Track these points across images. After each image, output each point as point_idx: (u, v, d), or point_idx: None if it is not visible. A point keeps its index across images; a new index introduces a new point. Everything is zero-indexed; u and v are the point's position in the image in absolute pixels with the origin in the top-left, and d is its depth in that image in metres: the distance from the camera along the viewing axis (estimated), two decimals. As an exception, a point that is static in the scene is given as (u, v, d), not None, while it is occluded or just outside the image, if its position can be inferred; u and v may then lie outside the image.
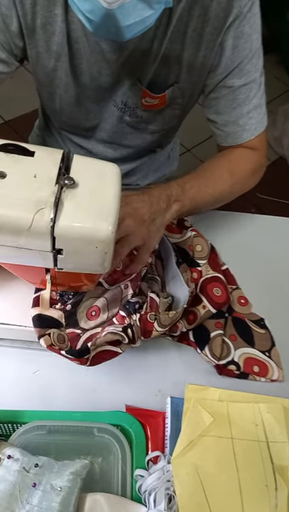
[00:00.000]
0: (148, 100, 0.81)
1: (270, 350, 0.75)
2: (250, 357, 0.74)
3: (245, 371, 0.72)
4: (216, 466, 0.60)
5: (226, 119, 0.83)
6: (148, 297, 0.67)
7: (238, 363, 0.73)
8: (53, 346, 0.62)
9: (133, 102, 0.83)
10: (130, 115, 0.86)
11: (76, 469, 0.56)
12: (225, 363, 0.72)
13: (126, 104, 0.84)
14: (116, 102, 0.85)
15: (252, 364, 0.73)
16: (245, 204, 0.92)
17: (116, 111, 0.87)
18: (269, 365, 0.74)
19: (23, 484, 0.54)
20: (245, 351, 0.74)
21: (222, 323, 0.75)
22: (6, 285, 0.69)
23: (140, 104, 0.83)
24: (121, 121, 0.89)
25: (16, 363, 0.69)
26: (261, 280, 0.84)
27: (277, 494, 0.58)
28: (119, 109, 0.86)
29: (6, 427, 0.61)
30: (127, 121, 0.88)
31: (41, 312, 0.63)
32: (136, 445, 0.61)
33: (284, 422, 0.64)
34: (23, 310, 0.66)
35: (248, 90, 0.79)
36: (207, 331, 0.74)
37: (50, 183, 0.47)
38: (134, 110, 0.85)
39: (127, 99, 0.83)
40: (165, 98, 0.82)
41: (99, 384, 0.68)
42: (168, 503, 0.56)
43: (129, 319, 0.64)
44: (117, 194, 0.50)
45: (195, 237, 0.82)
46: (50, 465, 0.56)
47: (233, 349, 0.74)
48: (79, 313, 0.66)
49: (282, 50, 2.73)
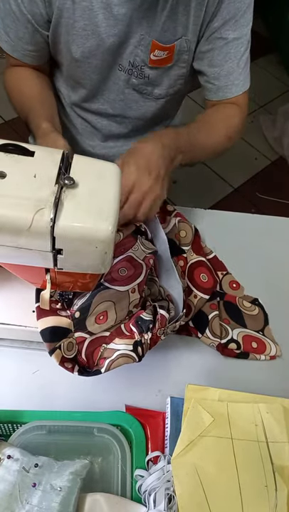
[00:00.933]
0: (157, 54, 0.83)
1: (263, 329, 0.78)
2: (247, 334, 0.77)
3: (245, 349, 0.75)
4: (216, 466, 0.60)
5: (218, 72, 0.86)
6: (158, 315, 0.66)
7: (238, 341, 0.75)
8: (64, 364, 0.62)
9: (141, 60, 0.84)
10: (137, 76, 0.87)
11: (76, 469, 0.56)
12: (226, 341, 0.75)
13: (133, 64, 0.85)
14: (122, 65, 0.86)
15: (250, 341, 0.76)
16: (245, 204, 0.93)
17: (122, 75, 0.88)
18: (265, 341, 0.76)
19: (22, 484, 0.54)
20: (241, 330, 0.77)
21: (216, 305, 0.78)
22: (6, 285, 0.69)
23: (148, 61, 0.84)
24: (127, 85, 0.89)
25: (16, 363, 0.69)
26: (261, 280, 0.84)
27: (277, 494, 0.58)
28: (126, 72, 0.87)
29: (6, 427, 0.61)
30: (133, 84, 0.89)
31: (53, 325, 0.63)
32: (136, 445, 0.61)
33: (284, 422, 0.64)
34: (23, 310, 0.66)
35: (239, 45, 0.83)
36: (204, 314, 0.76)
37: (50, 183, 0.47)
38: (141, 69, 0.86)
39: (135, 58, 0.84)
40: (173, 51, 0.83)
41: (99, 384, 0.68)
42: (168, 503, 0.56)
43: (141, 337, 0.64)
44: (117, 194, 0.50)
45: (179, 223, 0.83)
46: (50, 465, 0.56)
47: (230, 329, 0.77)
48: (88, 320, 0.65)
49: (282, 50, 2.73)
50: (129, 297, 0.66)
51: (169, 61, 0.85)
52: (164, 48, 0.82)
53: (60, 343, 0.63)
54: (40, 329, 0.63)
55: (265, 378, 0.73)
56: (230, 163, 2.20)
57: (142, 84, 0.89)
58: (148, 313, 0.65)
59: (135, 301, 0.67)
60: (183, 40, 0.82)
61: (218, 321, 0.76)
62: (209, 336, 0.74)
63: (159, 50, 0.82)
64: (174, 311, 0.69)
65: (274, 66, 2.73)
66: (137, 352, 0.62)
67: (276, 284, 0.85)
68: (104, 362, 0.62)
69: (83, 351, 0.64)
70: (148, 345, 0.64)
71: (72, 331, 0.64)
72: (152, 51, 0.83)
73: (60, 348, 0.63)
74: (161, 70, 0.87)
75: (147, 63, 0.85)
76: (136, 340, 0.63)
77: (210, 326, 0.75)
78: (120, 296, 0.66)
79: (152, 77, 0.87)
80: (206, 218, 0.91)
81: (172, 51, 0.83)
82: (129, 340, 0.63)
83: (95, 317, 0.65)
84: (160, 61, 0.85)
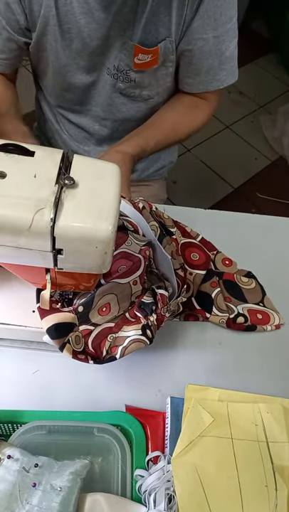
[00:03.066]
0: (141, 57, 0.82)
1: (263, 300, 0.81)
2: (250, 308, 0.79)
3: (252, 321, 0.77)
4: (216, 466, 0.60)
5: (198, 69, 0.86)
6: (158, 295, 0.67)
7: (245, 314, 0.77)
8: (78, 356, 0.63)
9: (125, 64, 0.84)
10: (123, 80, 0.87)
11: (76, 469, 0.56)
12: (233, 316, 0.77)
13: (118, 68, 0.85)
14: (109, 69, 0.86)
15: (255, 313, 0.78)
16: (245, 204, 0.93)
17: (109, 79, 0.87)
18: (268, 312, 0.79)
19: (22, 484, 0.54)
20: (244, 305, 0.79)
21: (216, 282, 0.79)
22: (6, 285, 0.69)
23: (132, 65, 0.83)
24: (114, 89, 0.89)
25: (16, 363, 0.69)
26: (261, 280, 0.84)
27: (277, 494, 0.58)
28: (112, 76, 0.86)
29: (6, 427, 0.61)
30: (120, 88, 0.88)
31: (57, 321, 0.63)
32: (136, 445, 0.61)
33: (284, 422, 0.64)
34: (23, 310, 0.66)
35: (220, 43, 0.82)
36: (207, 294, 0.78)
37: (50, 183, 0.47)
38: (126, 74, 0.85)
39: (119, 63, 0.84)
40: (158, 54, 0.82)
41: (99, 384, 0.68)
42: (168, 503, 0.56)
43: (147, 320, 0.65)
44: (117, 194, 0.50)
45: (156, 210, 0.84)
46: (50, 465, 0.56)
47: (234, 307, 0.78)
48: (91, 313, 0.66)
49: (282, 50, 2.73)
50: (131, 289, 0.67)
51: (154, 63, 0.84)
52: (147, 51, 0.81)
53: (68, 337, 0.63)
54: (45, 328, 0.63)
55: (265, 378, 0.73)
56: (230, 163, 2.20)
57: (128, 88, 0.88)
58: (148, 296, 0.67)
59: (137, 293, 0.67)
60: (167, 41, 0.81)
61: (222, 298, 0.77)
62: (217, 314, 0.76)
63: (142, 54, 0.82)
64: (171, 288, 0.70)
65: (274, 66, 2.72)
66: (147, 335, 0.64)
67: (276, 284, 0.85)
68: (118, 349, 0.64)
69: (90, 343, 0.64)
70: (156, 326, 0.66)
71: (76, 325, 0.65)
72: (136, 55, 0.82)
73: (69, 342, 0.63)
74: (147, 73, 0.86)
75: (132, 67, 0.84)
76: (143, 324, 0.65)
77: (215, 303, 0.77)
78: (122, 287, 0.67)
79: (139, 80, 0.87)
80: (206, 218, 0.91)
81: (156, 53, 0.82)
82: (137, 325, 0.65)
83: (98, 309, 0.66)
84: (145, 64, 0.84)
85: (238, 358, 0.75)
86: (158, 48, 0.82)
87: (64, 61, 0.84)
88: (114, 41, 0.81)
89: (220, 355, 0.75)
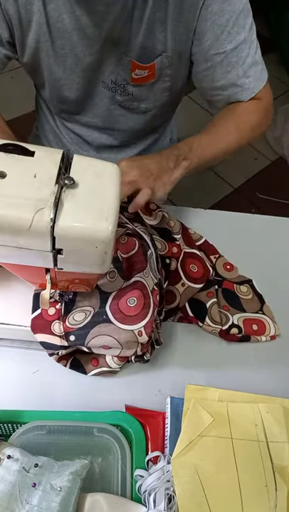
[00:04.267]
0: (138, 73, 0.82)
1: (262, 308, 0.80)
2: (247, 318, 0.78)
3: (246, 332, 0.76)
4: (216, 466, 0.60)
5: (224, 83, 0.84)
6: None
7: (239, 325, 0.76)
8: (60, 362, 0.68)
9: (123, 78, 0.83)
10: (121, 93, 0.86)
11: (76, 469, 0.56)
12: (227, 327, 0.76)
13: (115, 82, 0.84)
14: (105, 83, 0.85)
15: (250, 324, 0.77)
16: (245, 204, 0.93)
17: (106, 92, 0.87)
18: (265, 320, 0.78)
19: (22, 484, 0.54)
20: (241, 315, 0.78)
21: (213, 292, 0.78)
22: (5, 285, 0.69)
23: (130, 79, 0.83)
24: (112, 101, 0.89)
25: (16, 363, 0.69)
26: (261, 280, 0.84)
27: (277, 494, 0.58)
28: (109, 89, 0.86)
29: (6, 427, 0.61)
30: (118, 100, 0.88)
31: (45, 340, 0.65)
32: (136, 445, 0.61)
33: (283, 422, 0.64)
34: (23, 310, 0.66)
35: (239, 52, 0.80)
36: (202, 303, 0.77)
37: (50, 183, 0.47)
38: (124, 87, 0.85)
39: (116, 77, 0.83)
40: (155, 69, 0.82)
41: (99, 384, 0.68)
42: (168, 503, 0.56)
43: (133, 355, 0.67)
44: (117, 194, 0.50)
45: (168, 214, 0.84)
46: (50, 465, 0.56)
47: (230, 315, 0.78)
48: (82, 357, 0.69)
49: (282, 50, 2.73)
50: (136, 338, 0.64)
51: (151, 78, 0.84)
52: (144, 67, 0.81)
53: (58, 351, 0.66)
54: (38, 340, 0.66)
55: (265, 378, 0.73)
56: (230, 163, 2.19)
57: (126, 100, 0.88)
58: None
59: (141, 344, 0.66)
60: (163, 56, 0.80)
61: (216, 309, 0.77)
62: (210, 324, 0.75)
63: (139, 70, 0.81)
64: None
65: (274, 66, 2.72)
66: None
67: (276, 284, 0.85)
68: (94, 369, 0.68)
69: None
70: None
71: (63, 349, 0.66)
72: (133, 70, 0.81)
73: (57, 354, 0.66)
74: (144, 87, 0.86)
75: (129, 82, 0.83)
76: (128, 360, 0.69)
77: (209, 313, 0.76)
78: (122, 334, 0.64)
79: (136, 93, 0.86)
80: (206, 218, 0.91)
81: (153, 69, 0.82)
82: (122, 361, 0.68)
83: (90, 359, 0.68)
84: (142, 79, 0.83)
85: (238, 358, 0.75)
86: (154, 64, 0.81)
87: (59, 76, 0.84)
88: (108, 57, 0.80)
89: (220, 355, 0.75)
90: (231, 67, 0.81)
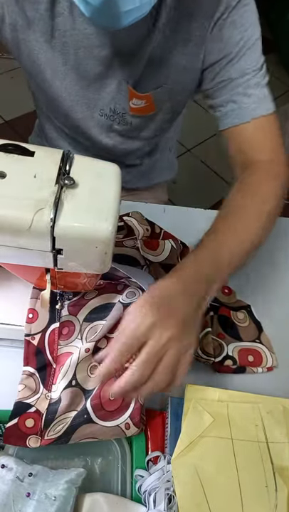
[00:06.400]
0: (135, 102, 0.80)
1: (260, 337, 0.77)
2: (243, 348, 0.74)
3: (241, 364, 0.73)
4: (216, 466, 0.60)
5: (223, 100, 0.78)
6: None
7: (233, 356, 0.73)
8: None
9: (122, 107, 0.82)
10: (119, 123, 0.84)
11: (71, 478, 0.55)
12: (221, 359, 0.72)
13: (114, 110, 0.82)
14: (103, 110, 0.83)
15: (246, 354, 0.73)
16: (245, 204, 0.92)
17: (104, 120, 0.85)
18: (262, 351, 0.75)
19: (17, 494, 0.53)
20: (237, 344, 0.75)
21: (208, 321, 0.74)
22: (5, 285, 0.69)
23: (128, 109, 0.81)
24: (110, 130, 0.87)
25: (16, 363, 0.69)
26: (261, 280, 0.84)
27: (277, 495, 0.58)
28: (107, 118, 0.84)
29: (6, 427, 0.61)
30: (117, 130, 0.87)
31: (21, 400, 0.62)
32: (136, 445, 0.61)
33: (284, 422, 0.64)
34: (23, 310, 0.66)
35: (245, 81, 0.76)
36: None
37: (50, 183, 0.47)
38: (123, 116, 0.83)
39: (116, 105, 0.81)
40: (152, 100, 0.80)
41: (99, 384, 0.68)
42: (168, 504, 0.56)
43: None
44: (117, 194, 0.50)
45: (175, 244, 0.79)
46: (45, 474, 0.56)
47: (225, 345, 0.74)
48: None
49: (282, 50, 2.73)
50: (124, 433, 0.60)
51: (151, 110, 0.82)
52: (139, 96, 0.79)
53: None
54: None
55: (265, 378, 0.73)
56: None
57: (125, 130, 0.86)
58: None
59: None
60: (164, 88, 0.78)
61: (210, 338, 0.72)
62: (202, 356, 0.71)
63: (136, 99, 0.79)
64: None
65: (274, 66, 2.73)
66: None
67: (276, 284, 0.85)
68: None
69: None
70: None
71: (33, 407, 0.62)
72: (130, 99, 0.80)
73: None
74: (144, 118, 0.84)
75: (128, 111, 0.82)
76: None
77: (201, 344, 0.71)
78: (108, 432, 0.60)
79: (135, 124, 0.84)
80: (206, 218, 0.91)
81: (150, 100, 0.80)
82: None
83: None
84: (141, 109, 0.81)
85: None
86: (150, 95, 0.79)
87: (58, 93, 0.81)
88: (111, 81, 0.78)
89: (220, 355, 0.75)
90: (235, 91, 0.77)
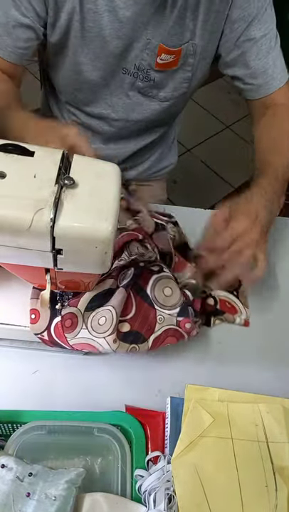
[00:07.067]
0: (163, 58, 0.84)
1: (238, 289, 0.81)
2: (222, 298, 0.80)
3: (221, 307, 0.78)
4: (216, 466, 0.60)
5: (254, 72, 0.86)
6: None
7: (216, 298, 0.79)
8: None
9: (147, 63, 0.85)
10: (143, 79, 0.88)
11: (71, 478, 0.55)
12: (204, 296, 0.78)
13: (139, 67, 0.86)
14: (126, 68, 0.86)
15: (225, 301, 0.80)
16: (245, 204, 0.92)
17: (127, 78, 0.88)
18: (237, 306, 0.80)
19: (16, 494, 0.53)
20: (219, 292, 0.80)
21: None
22: (5, 285, 0.69)
23: (154, 64, 0.85)
24: (132, 88, 0.90)
25: (16, 363, 0.69)
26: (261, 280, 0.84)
27: (277, 494, 0.58)
28: (131, 75, 0.87)
29: (6, 427, 0.61)
30: (139, 87, 0.89)
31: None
32: (136, 445, 0.61)
33: (284, 422, 0.64)
34: (23, 310, 0.66)
35: (268, 41, 0.84)
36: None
37: (50, 183, 0.47)
38: (147, 72, 0.86)
39: (141, 62, 0.85)
40: (180, 55, 0.84)
41: (99, 384, 0.68)
42: (168, 503, 0.56)
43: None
44: (117, 194, 0.50)
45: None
46: (45, 474, 0.56)
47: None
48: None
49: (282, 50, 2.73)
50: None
51: (174, 64, 0.86)
52: (171, 51, 0.83)
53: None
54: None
55: (265, 378, 0.73)
56: (230, 163, 2.19)
57: (147, 87, 0.90)
58: None
59: None
60: (190, 44, 0.83)
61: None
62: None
63: (165, 54, 0.83)
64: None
65: (274, 66, 2.73)
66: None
67: (276, 284, 0.85)
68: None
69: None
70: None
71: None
72: (159, 55, 0.83)
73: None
74: (166, 73, 0.87)
75: (153, 67, 0.85)
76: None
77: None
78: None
79: (158, 80, 0.88)
80: (206, 218, 0.91)
81: (179, 55, 0.84)
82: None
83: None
84: (166, 64, 0.85)
85: (238, 358, 0.75)
86: (181, 49, 0.83)
87: (81, 60, 0.85)
88: (134, 41, 0.82)
89: (220, 355, 0.75)
90: (262, 55, 0.84)
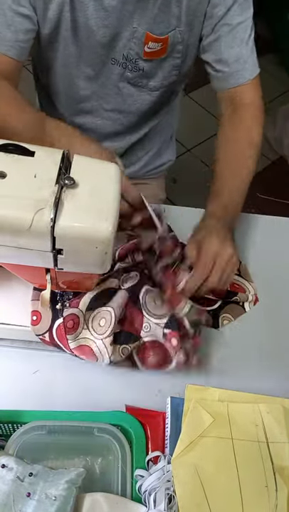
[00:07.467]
0: (151, 46, 0.84)
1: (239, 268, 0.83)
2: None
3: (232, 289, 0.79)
4: (216, 466, 0.60)
5: (227, 59, 0.86)
6: None
7: None
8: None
9: (135, 53, 0.85)
10: (132, 69, 0.88)
11: (71, 478, 0.55)
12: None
13: (127, 57, 0.86)
14: (115, 59, 0.86)
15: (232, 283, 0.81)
16: (245, 204, 0.92)
17: (116, 68, 0.88)
18: (243, 285, 0.83)
19: (17, 494, 0.53)
20: None
21: None
22: (5, 285, 0.69)
23: (142, 53, 0.85)
24: (122, 78, 0.90)
25: (16, 363, 0.69)
26: (261, 280, 0.84)
27: (278, 494, 0.58)
28: (120, 65, 0.87)
29: (6, 427, 0.61)
30: (128, 77, 0.89)
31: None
32: (136, 445, 0.61)
33: (284, 422, 0.64)
34: (23, 310, 0.66)
35: (244, 28, 0.84)
36: None
37: (50, 183, 0.47)
38: (136, 62, 0.86)
39: (128, 51, 0.85)
40: (167, 43, 0.84)
41: (99, 384, 0.68)
42: (168, 503, 0.56)
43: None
44: (117, 194, 0.50)
45: None
46: (45, 474, 0.56)
47: None
48: None
49: (282, 50, 2.73)
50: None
51: (162, 53, 0.86)
52: (158, 39, 0.83)
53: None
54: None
55: (265, 378, 0.73)
56: (231, 163, 2.19)
57: (136, 77, 0.90)
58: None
59: None
60: (176, 31, 0.83)
61: None
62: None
63: (153, 42, 0.83)
64: None
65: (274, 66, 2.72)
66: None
67: (276, 284, 0.85)
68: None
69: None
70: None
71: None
72: (146, 43, 0.83)
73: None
74: (155, 62, 0.87)
75: (141, 56, 0.85)
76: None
77: None
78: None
79: (147, 69, 0.88)
80: (206, 218, 0.91)
81: (166, 43, 0.84)
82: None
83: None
84: (154, 53, 0.85)
85: (238, 358, 0.75)
86: (168, 37, 0.83)
87: (71, 52, 0.85)
88: (121, 30, 0.82)
89: (220, 355, 0.75)
90: (235, 42, 0.84)
